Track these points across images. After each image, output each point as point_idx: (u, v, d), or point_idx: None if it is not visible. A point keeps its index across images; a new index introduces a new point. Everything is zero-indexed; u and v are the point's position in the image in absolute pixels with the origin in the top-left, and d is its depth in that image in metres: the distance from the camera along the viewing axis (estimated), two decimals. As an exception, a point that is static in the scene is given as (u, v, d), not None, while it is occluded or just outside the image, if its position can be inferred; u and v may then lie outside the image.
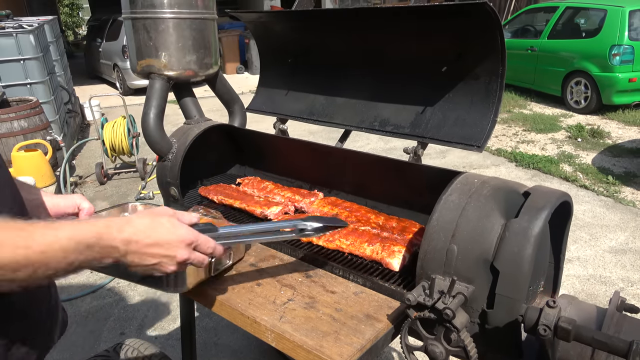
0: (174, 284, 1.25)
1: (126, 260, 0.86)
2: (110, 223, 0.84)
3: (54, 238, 0.74)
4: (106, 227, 0.83)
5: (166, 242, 0.90)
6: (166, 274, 0.94)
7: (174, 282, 1.24)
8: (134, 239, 0.86)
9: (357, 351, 1.11)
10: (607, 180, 5.22)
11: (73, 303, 3.36)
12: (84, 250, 0.78)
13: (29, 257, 0.71)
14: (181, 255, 0.92)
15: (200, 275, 1.31)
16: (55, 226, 0.76)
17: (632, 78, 7.38)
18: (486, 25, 1.39)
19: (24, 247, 0.70)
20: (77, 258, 0.78)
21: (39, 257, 0.72)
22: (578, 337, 1.02)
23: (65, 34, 24.26)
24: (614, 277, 3.53)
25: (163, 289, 1.26)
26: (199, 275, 1.31)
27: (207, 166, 2.19)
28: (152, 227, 0.89)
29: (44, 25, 7.00)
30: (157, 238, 0.89)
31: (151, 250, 0.88)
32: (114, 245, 0.83)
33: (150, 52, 1.91)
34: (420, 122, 1.68)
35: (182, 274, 1.22)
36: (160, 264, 0.91)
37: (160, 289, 1.27)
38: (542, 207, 1.14)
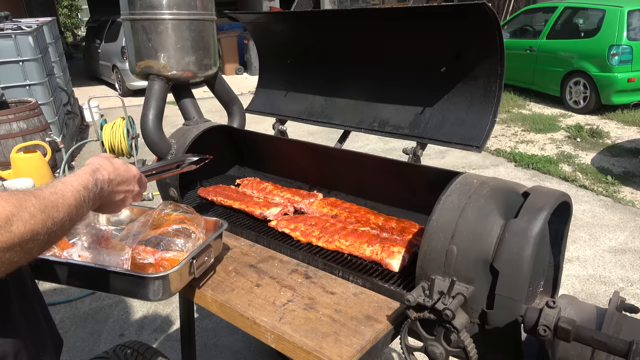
0: (160, 292, 1.22)
1: (107, 199, 1.01)
2: (92, 169, 0.96)
3: (77, 193, 0.86)
4: (93, 172, 0.95)
5: (127, 179, 1.07)
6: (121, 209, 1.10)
7: (160, 290, 1.22)
8: (111, 178, 1.00)
9: (357, 352, 1.10)
10: (606, 180, 5.22)
11: (72, 305, 3.35)
12: (92, 196, 0.91)
13: (71, 213, 0.83)
14: (137, 189, 1.11)
15: (184, 280, 1.29)
16: (69, 182, 0.87)
17: (631, 78, 7.39)
18: (485, 26, 1.39)
19: (68, 206, 0.82)
20: (89, 205, 0.91)
21: (75, 210, 0.84)
22: (578, 337, 1.02)
23: (64, 36, 24.25)
24: (614, 276, 3.53)
25: (149, 298, 1.23)
26: (182, 281, 1.29)
27: (206, 167, 2.18)
28: (116, 168, 1.03)
29: (42, 26, 7.00)
30: (122, 176, 1.05)
31: (121, 187, 1.05)
32: (103, 187, 0.97)
33: (149, 53, 1.91)
34: (419, 122, 1.68)
35: (166, 281, 1.21)
36: (125, 199, 1.08)
37: (146, 299, 1.25)
38: (541, 208, 1.14)
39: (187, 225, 1.40)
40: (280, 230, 1.65)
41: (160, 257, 1.31)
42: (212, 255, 1.40)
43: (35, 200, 0.76)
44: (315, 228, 1.60)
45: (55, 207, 0.79)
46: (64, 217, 0.80)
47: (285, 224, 1.66)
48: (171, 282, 1.23)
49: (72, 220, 0.83)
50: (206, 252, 1.37)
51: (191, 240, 1.37)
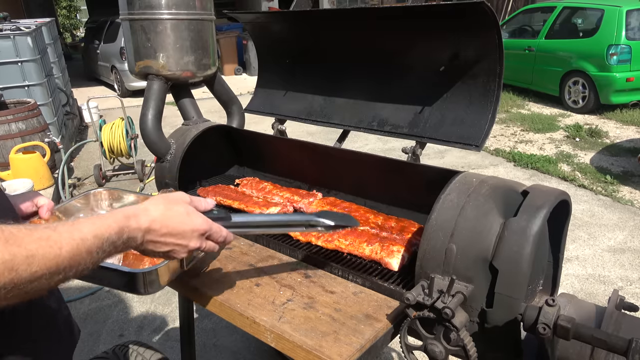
0: (148, 286, 1.20)
1: (142, 248, 0.88)
2: (128, 214, 0.83)
3: (80, 241, 0.73)
4: (126, 219, 0.82)
5: (181, 232, 0.91)
6: (182, 256, 0.96)
7: (148, 284, 1.20)
8: (151, 227, 0.86)
9: (356, 351, 1.10)
10: (605, 179, 5.23)
11: (72, 305, 3.35)
12: (108, 247, 0.78)
13: (60, 264, 0.69)
14: (194, 244, 0.94)
15: (173, 274, 1.27)
16: (77, 227, 0.74)
17: (630, 77, 7.40)
18: (484, 25, 1.39)
19: (54, 256, 0.68)
20: (100, 256, 0.77)
21: (69, 262, 0.71)
22: (577, 335, 1.02)
23: (63, 36, 24.21)
24: (613, 276, 3.53)
25: (136, 292, 1.21)
26: (172, 274, 1.26)
27: (205, 167, 2.19)
28: (168, 217, 0.89)
29: (41, 27, 6.99)
30: (173, 227, 0.89)
31: (166, 239, 0.89)
32: (134, 236, 0.84)
33: (148, 53, 1.91)
34: (418, 121, 1.68)
35: (155, 274, 1.19)
36: (172, 252, 0.92)
37: (133, 292, 1.22)
38: (540, 206, 1.14)
39: None
40: (279, 229, 1.65)
41: None
42: None
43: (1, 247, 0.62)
44: (315, 227, 1.60)
45: (29, 260, 0.64)
46: (42, 271, 0.65)
47: (285, 223, 1.66)
48: (159, 276, 1.20)
49: (60, 271, 0.69)
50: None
51: None
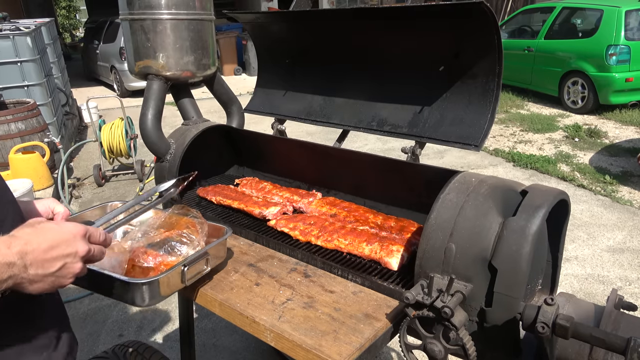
0: (148, 297, 1.20)
1: (29, 275, 0.79)
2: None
3: None
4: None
5: (63, 240, 0.83)
6: (75, 277, 0.87)
7: (148, 295, 1.20)
8: (27, 249, 0.78)
9: (356, 350, 1.11)
10: (604, 179, 5.23)
11: (71, 305, 3.35)
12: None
13: None
14: (82, 249, 0.86)
15: (172, 288, 1.27)
16: None
17: (629, 78, 7.40)
18: (483, 25, 1.40)
19: None
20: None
21: None
22: (576, 334, 1.02)
23: (63, 36, 24.21)
24: (612, 276, 3.53)
25: (137, 303, 1.21)
26: (171, 287, 1.26)
27: (205, 167, 2.19)
28: (40, 232, 0.82)
29: (41, 27, 6.99)
30: (52, 239, 0.82)
31: (50, 254, 0.81)
32: (9, 262, 0.75)
33: (148, 53, 1.91)
34: (417, 121, 1.68)
35: (155, 286, 1.19)
36: (65, 266, 0.83)
37: (134, 304, 1.22)
38: (539, 206, 1.14)
39: (191, 232, 1.38)
40: (279, 229, 1.66)
41: (161, 261, 1.30)
42: (209, 264, 1.36)
43: None
44: (314, 227, 1.61)
45: None
46: None
47: (284, 223, 1.66)
48: (157, 288, 1.20)
49: None
50: (201, 260, 1.32)
51: (191, 247, 1.36)
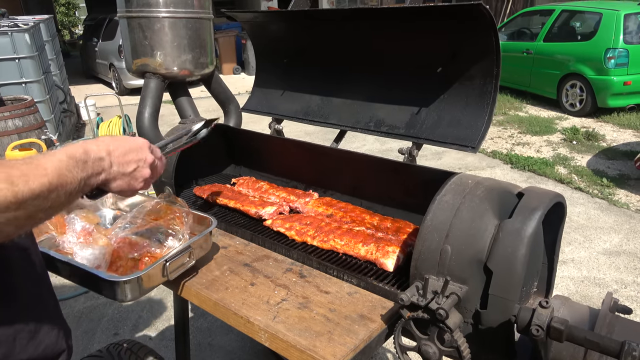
0: (130, 291, 1.21)
1: (113, 172, 0.93)
2: (85, 142, 0.90)
3: (58, 162, 0.80)
4: (85, 144, 0.89)
5: (135, 147, 0.98)
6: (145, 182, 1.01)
7: (129, 291, 1.21)
8: (111, 148, 0.92)
9: (350, 351, 1.10)
10: (601, 182, 5.24)
11: (66, 303, 3.34)
12: (83, 166, 0.85)
13: (51, 182, 0.76)
14: (149, 157, 1.01)
15: (154, 283, 1.26)
16: (51, 153, 0.82)
17: (627, 81, 7.42)
18: (481, 26, 1.39)
19: (43, 175, 0.76)
20: (81, 175, 0.84)
21: (57, 180, 0.78)
22: (570, 337, 1.02)
23: (62, 33, 24.17)
24: (608, 278, 3.54)
25: (118, 299, 1.22)
26: (153, 282, 1.26)
27: (202, 166, 2.19)
28: (118, 140, 0.96)
29: (39, 24, 6.97)
30: (128, 146, 0.97)
31: (128, 157, 0.96)
32: (101, 156, 0.90)
33: (146, 51, 1.90)
34: (415, 122, 1.68)
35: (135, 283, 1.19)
36: (137, 169, 0.98)
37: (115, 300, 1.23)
38: (535, 208, 1.14)
39: (176, 223, 1.39)
40: (275, 229, 1.65)
41: (145, 252, 1.31)
42: (193, 256, 1.36)
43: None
44: (311, 227, 1.60)
45: (24, 177, 0.72)
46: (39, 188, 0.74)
47: (281, 223, 1.66)
48: (137, 285, 1.21)
49: (53, 189, 0.76)
50: (184, 254, 1.32)
51: (176, 238, 1.36)
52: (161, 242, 1.34)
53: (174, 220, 1.40)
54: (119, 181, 0.95)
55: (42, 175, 0.75)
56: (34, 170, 0.75)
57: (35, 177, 0.74)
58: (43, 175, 0.75)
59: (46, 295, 1.00)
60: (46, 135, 5.49)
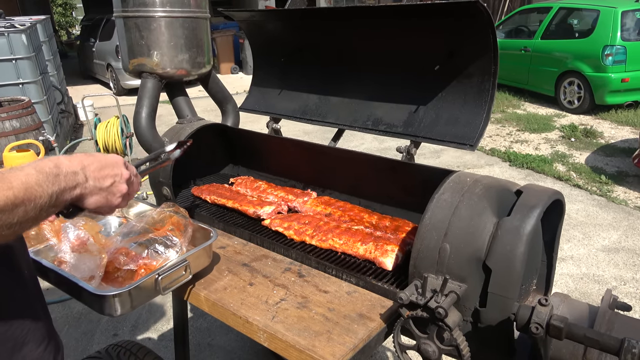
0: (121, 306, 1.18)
1: (89, 186, 0.90)
2: (57, 157, 0.88)
3: (26, 176, 0.78)
4: (57, 159, 0.87)
5: (111, 163, 0.97)
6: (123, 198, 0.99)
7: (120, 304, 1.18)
8: (85, 163, 0.90)
9: (349, 351, 1.10)
10: (600, 179, 5.24)
11: (65, 304, 3.33)
12: (54, 179, 0.82)
13: (16, 195, 0.75)
14: (125, 173, 0.99)
15: (144, 297, 1.24)
16: (19, 168, 0.80)
17: (625, 78, 7.43)
18: (478, 24, 1.39)
19: (7, 188, 0.74)
20: (52, 189, 0.82)
21: (24, 194, 0.76)
22: (570, 335, 1.02)
23: (59, 34, 24.12)
24: (607, 275, 3.54)
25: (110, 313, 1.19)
26: (145, 297, 1.23)
27: (200, 166, 2.18)
28: (92, 156, 0.95)
29: (36, 24, 6.95)
30: (103, 162, 0.95)
31: (104, 172, 0.94)
32: (74, 170, 0.87)
33: (142, 50, 1.89)
34: (413, 121, 1.67)
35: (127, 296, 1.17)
36: (114, 184, 0.96)
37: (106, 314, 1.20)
38: (534, 206, 1.14)
39: (175, 234, 1.36)
40: (273, 228, 1.65)
41: (141, 264, 1.29)
42: (189, 270, 1.32)
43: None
44: (309, 227, 1.60)
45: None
46: (2, 201, 0.72)
47: (279, 222, 1.66)
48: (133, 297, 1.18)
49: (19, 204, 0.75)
50: (179, 267, 1.29)
51: (174, 250, 1.33)
52: (159, 253, 1.32)
53: (173, 231, 1.37)
54: (96, 196, 0.93)
55: (7, 189, 0.73)
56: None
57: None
58: (7, 189, 0.73)
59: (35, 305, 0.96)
60: (44, 136, 5.48)
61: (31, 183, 0.77)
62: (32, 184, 0.78)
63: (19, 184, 0.76)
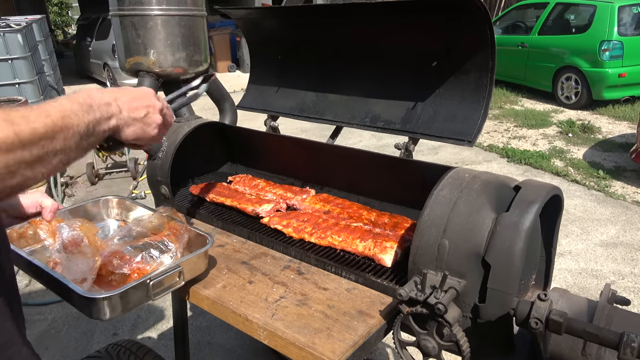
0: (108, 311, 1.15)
1: (124, 117, 0.90)
2: (89, 89, 0.87)
3: (61, 105, 0.78)
4: (89, 91, 0.86)
5: (142, 95, 0.96)
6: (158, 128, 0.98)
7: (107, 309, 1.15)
8: (117, 95, 0.90)
9: (349, 347, 1.10)
10: (597, 174, 5.26)
11: (64, 304, 3.33)
12: (89, 110, 0.82)
13: (55, 123, 0.75)
14: (158, 104, 0.98)
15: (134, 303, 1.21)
16: (52, 100, 0.81)
17: (622, 73, 7.44)
18: (476, 20, 1.39)
19: (45, 116, 0.74)
20: (88, 118, 0.82)
21: (62, 121, 0.76)
22: (569, 329, 1.02)
23: (55, 33, 23.99)
24: (605, 270, 3.56)
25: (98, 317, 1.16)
26: (135, 302, 1.20)
27: (198, 164, 2.18)
28: (122, 89, 0.94)
29: (32, 24, 6.92)
30: (135, 94, 0.94)
31: (136, 103, 0.93)
32: (107, 101, 0.87)
33: (139, 49, 1.89)
34: (411, 117, 1.67)
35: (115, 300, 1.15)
36: (148, 115, 0.95)
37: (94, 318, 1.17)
38: (532, 201, 1.14)
39: (170, 239, 1.34)
40: (272, 226, 1.65)
41: (135, 268, 1.27)
42: (182, 277, 1.29)
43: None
44: (308, 224, 1.60)
45: (25, 118, 0.71)
46: (42, 127, 0.73)
47: (278, 220, 1.65)
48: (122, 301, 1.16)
49: (58, 130, 0.75)
50: (172, 273, 1.26)
51: (168, 256, 1.31)
52: (153, 258, 1.29)
53: (170, 236, 1.35)
54: (132, 127, 0.93)
55: (45, 117, 0.74)
56: (35, 111, 0.74)
57: (37, 117, 0.73)
58: (46, 117, 0.74)
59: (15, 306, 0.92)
60: (41, 136, 5.46)
61: (67, 112, 0.78)
62: (68, 113, 0.78)
63: (55, 112, 0.76)
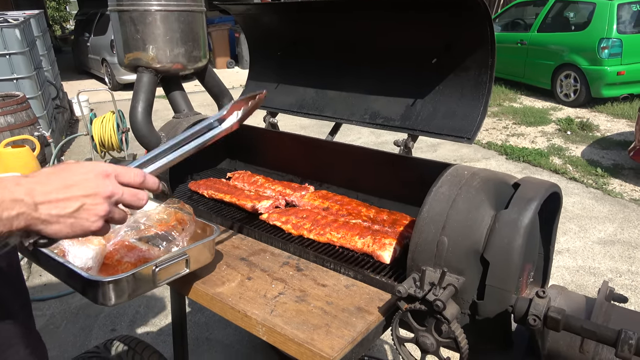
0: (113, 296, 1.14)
1: (40, 215, 0.72)
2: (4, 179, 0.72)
3: None
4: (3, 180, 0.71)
5: (79, 181, 0.76)
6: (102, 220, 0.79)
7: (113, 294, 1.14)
8: (37, 187, 0.72)
9: (348, 344, 1.10)
10: (596, 172, 5.27)
11: (63, 300, 3.33)
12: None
13: None
14: (104, 190, 0.77)
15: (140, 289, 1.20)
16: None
17: (621, 71, 7.44)
18: (476, 17, 1.38)
19: None
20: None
21: None
22: (567, 326, 1.03)
23: (53, 29, 23.89)
24: (603, 267, 3.57)
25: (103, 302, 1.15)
26: (141, 287, 1.20)
27: (196, 160, 2.17)
28: (56, 173, 0.76)
29: (30, 19, 6.89)
30: (67, 179, 0.75)
31: (65, 193, 0.74)
32: (15, 198, 0.69)
33: (138, 45, 1.88)
34: (410, 114, 1.67)
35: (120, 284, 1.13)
36: (84, 208, 0.76)
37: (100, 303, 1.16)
38: (531, 198, 1.14)
39: (177, 230, 1.36)
40: (271, 223, 1.65)
41: (141, 257, 1.28)
42: (188, 265, 1.28)
43: None
44: (307, 221, 1.60)
45: None
46: None
47: (277, 216, 1.65)
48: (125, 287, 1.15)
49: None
50: (178, 261, 1.26)
51: (174, 245, 1.33)
52: (160, 248, 1.31)
53: (176, 227, 1.37)
54: (57, 225, 0.74)
55: None
56: None
57: None
58: None
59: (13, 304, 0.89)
60: (39, 131, 5.44)
61: None
62: None
63: None
